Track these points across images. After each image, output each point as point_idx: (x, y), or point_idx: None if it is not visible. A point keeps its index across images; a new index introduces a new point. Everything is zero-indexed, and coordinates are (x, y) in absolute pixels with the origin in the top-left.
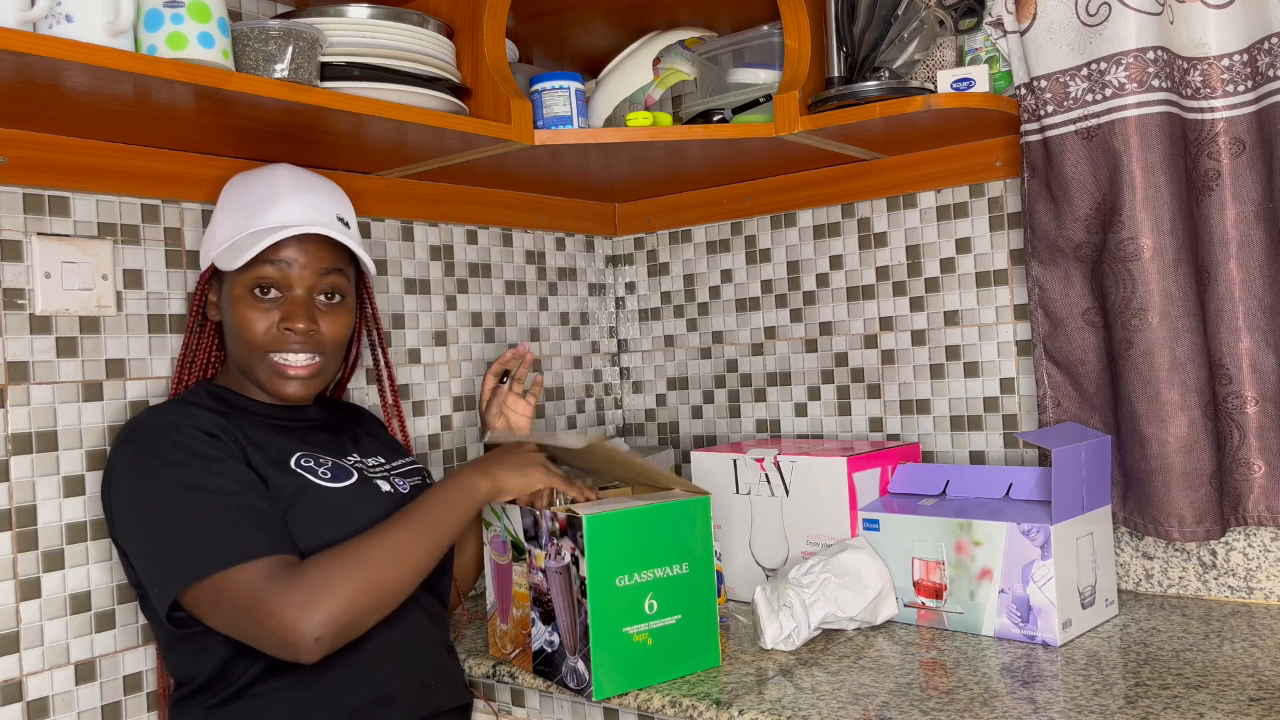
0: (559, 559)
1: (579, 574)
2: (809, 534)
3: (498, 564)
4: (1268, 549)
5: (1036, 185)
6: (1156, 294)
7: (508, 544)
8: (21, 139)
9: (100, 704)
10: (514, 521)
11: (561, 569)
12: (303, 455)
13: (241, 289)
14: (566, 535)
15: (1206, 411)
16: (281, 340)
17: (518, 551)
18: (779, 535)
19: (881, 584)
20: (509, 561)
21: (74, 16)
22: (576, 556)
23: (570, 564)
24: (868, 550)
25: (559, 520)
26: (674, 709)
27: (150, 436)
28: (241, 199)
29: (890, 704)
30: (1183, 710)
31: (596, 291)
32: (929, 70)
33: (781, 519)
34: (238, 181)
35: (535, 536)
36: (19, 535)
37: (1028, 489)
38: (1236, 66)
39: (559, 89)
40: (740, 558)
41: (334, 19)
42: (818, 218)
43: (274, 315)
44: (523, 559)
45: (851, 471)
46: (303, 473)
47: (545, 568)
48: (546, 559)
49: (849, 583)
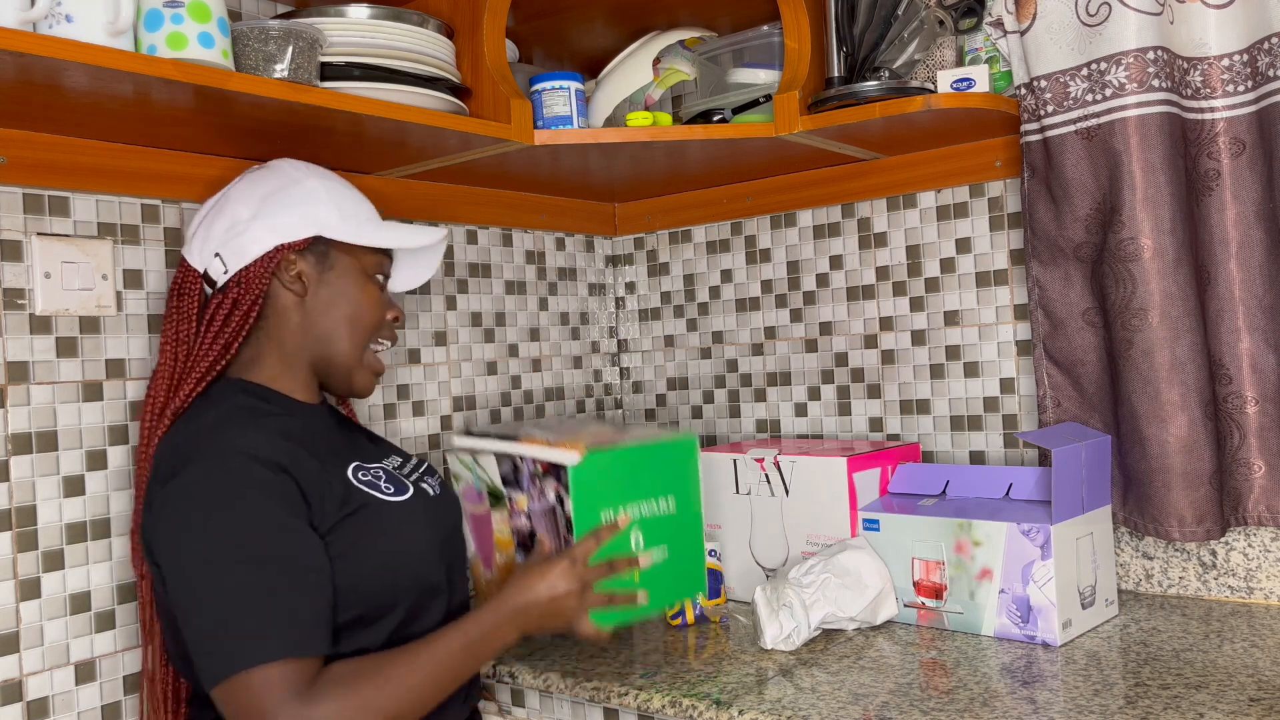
0: (543, 500)
1: (564, 513)
2: (809, 534)
3: (474, 514)
4: (1268, 549)
5: (1037, 185)
6: (1157, 294)
7: (483, 493)
8: (21, 139)
9: (100, 704)
10: (489, 470)
11: (547, 510)
12: (358, 466)
13: (371, 268)
14: (550, 476)
15: (1206, 411)
16: (389, 329)
17: (495, 498)
18: (779, 535)
19: (881, 584)
20: (486, 510)
21: (74, 16)
22: (561, 496)
23: (555, 504)
24: (868, 550)
25: (540, 463)
26: (674, 709)
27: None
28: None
29: (890, 704)
30: (1183, 710)
31: (596, 291)
32: (929, 70)
33: (781, 519)
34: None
35: (515, 481)
36: (19, 535)
37: (1028, 489)
38: (1236, 66)
39: (559, 89)
40: (740, 558)
41: (334, 19)
42: (818, 218)
43: (384, 304)
44: (501, 505)
45: (851, 471)
46: (365, 487)
47: (529, 510)
48: (530, 502)
49: (849, 583)
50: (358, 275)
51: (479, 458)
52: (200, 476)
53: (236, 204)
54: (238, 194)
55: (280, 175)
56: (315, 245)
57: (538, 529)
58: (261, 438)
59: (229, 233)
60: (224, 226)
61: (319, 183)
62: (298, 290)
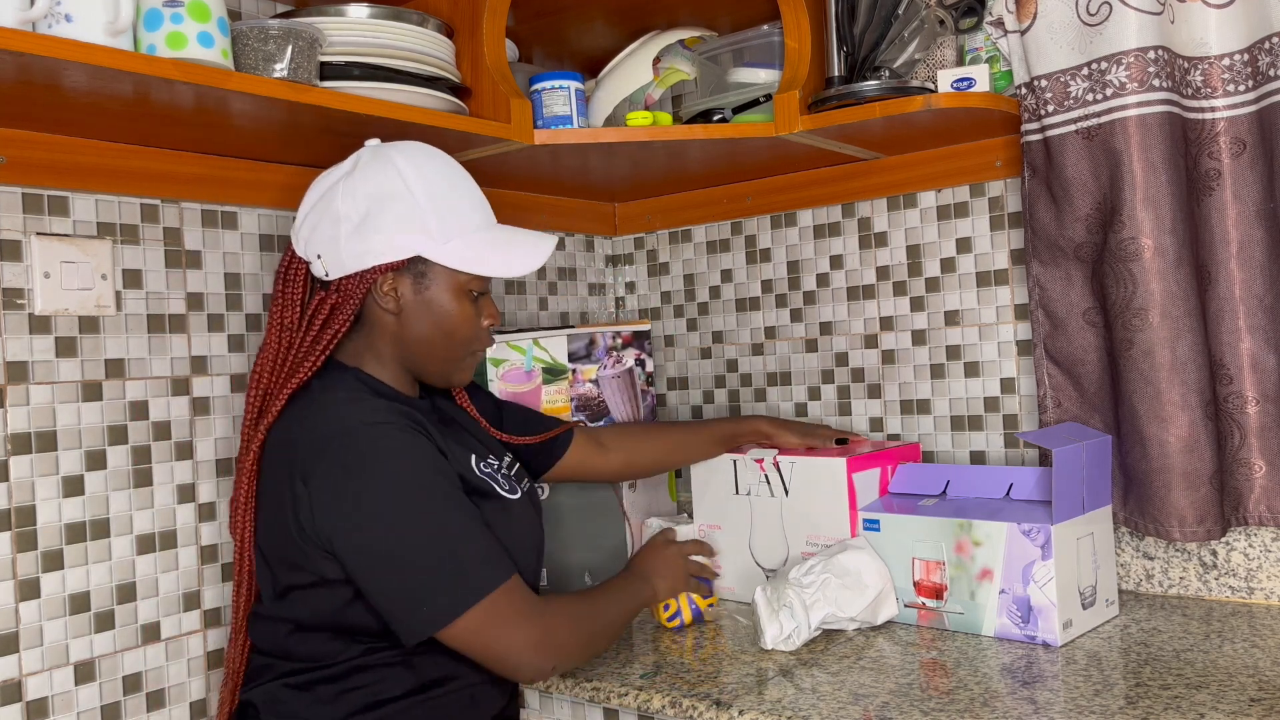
0: (619, 365)
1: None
2: (809, 534)
3: (515, 394)
4: (1268, 549)
5: (1037, 185)
6: (1157, 294)
7: (533, 372)
8: (21, 139)
9: (100, 704)
10: (555, 349)
11: (622, 373)
12: (478, 459)
13: (467, 287)
14: (630, 346)
15: (1207, 411)
16: (485, 337)
17: (551, 375)
18: (778, 536)
19: (881, 584)
20: (535, 387)
21: (74, 16)
22: (642, 360)
23: (633, 366)
24: (868, 550)
25: (622, 336)
26: (674, 709)
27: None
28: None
29: (890, 704)
30: (1183, 710)
31: (596, 291)
32: (929, 70)
33: (781, 519)
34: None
35: (586, 355)
36: (18, 535)
37: (1028, 489)
38: (1237, 66)
39: (559, 89)
40: (739, 558)
41: (334, 18)
42: (818, 217)
43: (478, 315)
44: (559, 379)
45: (851, 472)
46: (487, 480)
47: (598, 377)
48: (601, 369)
49: (849, 583)
50: (455, 292)
51: (541, 340)
52: (357, 445)
53: (343, 202)
54: (346, 189)
55: (387, 174)
56: (413, 264)
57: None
58: (392, 412)
59: (331, 239)
60: (327, 228)
61: (425, 193)
62: (392, 308)
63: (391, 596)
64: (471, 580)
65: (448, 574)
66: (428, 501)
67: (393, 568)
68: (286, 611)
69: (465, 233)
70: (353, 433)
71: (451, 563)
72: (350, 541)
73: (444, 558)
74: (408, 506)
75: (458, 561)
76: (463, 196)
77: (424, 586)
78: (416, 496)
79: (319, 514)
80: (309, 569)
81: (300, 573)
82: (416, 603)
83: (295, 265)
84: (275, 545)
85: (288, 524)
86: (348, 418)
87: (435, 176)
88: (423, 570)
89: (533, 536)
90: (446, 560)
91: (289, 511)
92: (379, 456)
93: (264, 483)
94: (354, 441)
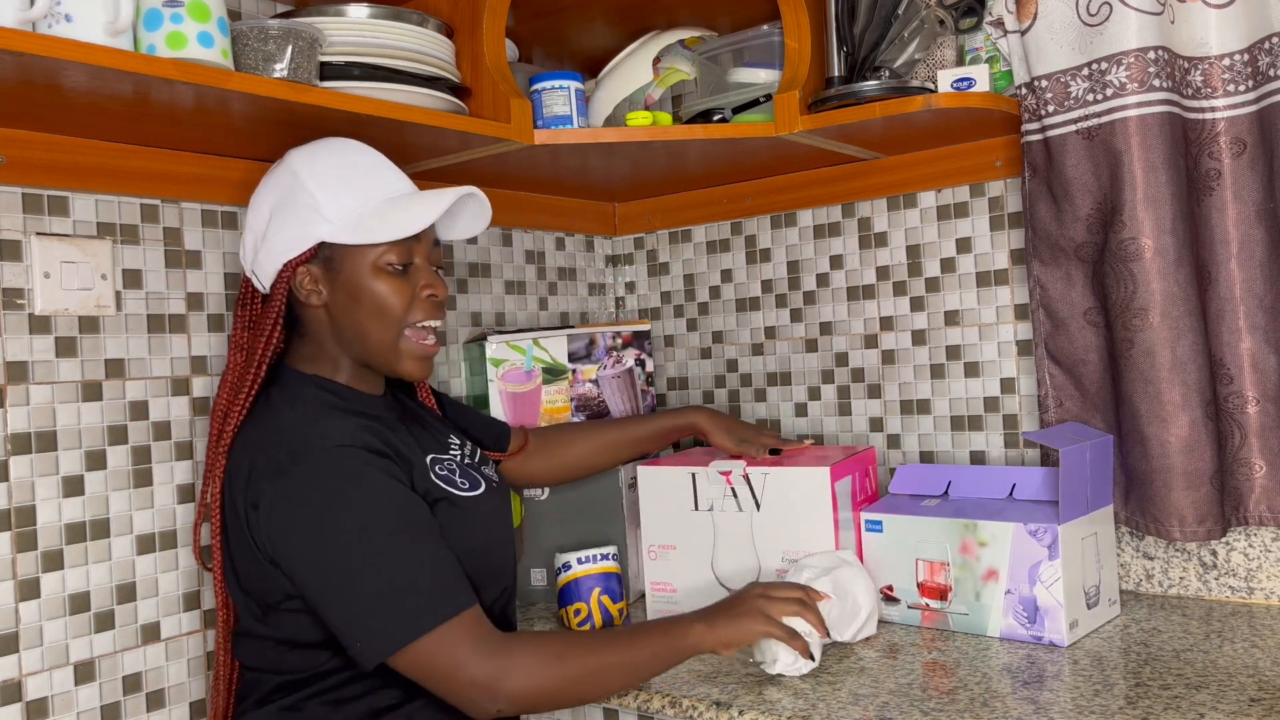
0: (619, 366)
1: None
2: (785, 549)
3: (515, 393)
4: (1268, 549)
5: (1038, 185)
6: (1157, 294)
7: (533, 372)
8: (21, 139)
9: (100, 704)
10: (554, 349)
11: (622, 373)
12: (434, 459)
13: (379, 262)
14: (630, 346)
15: (1207, 411)
16: (422, 309)
17: (551, 375)
18: (748, 553)
19: (871, 604)
20: (535, 386)
21: (73, 16)
22: (642, 360)
23: (632, 366)
24: (856, 565)
25: (622, 336)
26: (674, 709)
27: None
28: (345, 170)
29: (890, 704)
30: (1183, 710)
31: (596, 291)
32: (929, 70)
33: (752, 535)
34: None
35: (586, 355)
36: (18, 535)
37: (1032, 489)
38: (1237, 66)
39: (559, 89)
40: (699, 578)
41: (333, 18)
42: (818, 218)
43: (410, 286)
44: (559, 379)
45: (834, 481)
46: (440, 482)
47: (598, 377)
48: (600, 370)
49: (847, 605)
50: (370, 270)
51: (541, 340)
52: (315, 469)
53: (254, 216)
54: (255, 204)
55: (284, 178)
56: (320, 252)
57: (604, 390)
58: (354, 428)
59: (253, 252)
60: (250, 243)
61: (316, 183)
62: (317, 302)
63: (344, 622)
64: (425, 609)
65: (399, 601)
66: (382, 526)
67: (345, 594)
68: (270, 631)
69: (364, 208)
70: (309, 455)
71: (405, 590)
72: (304, 566)
73: (398, 585)
74: (363, 532)
75: (412, 589)
76: (363, 175)
77: (374, 614)
78: (373, 522)
79: (275, 538)
80: (278, 589)
81: (272, 594)
82: (367, 630)
83: (246, 288)
84: (246, 569)
85: (250, 546)
86: (305, 439)
87: (329, 163)
88: (375, 596)
89: (496, 531)
90: (400, 588)
91: (248, 534)
92: (335, 481)
93: (226, 504)
94: (310, 465)
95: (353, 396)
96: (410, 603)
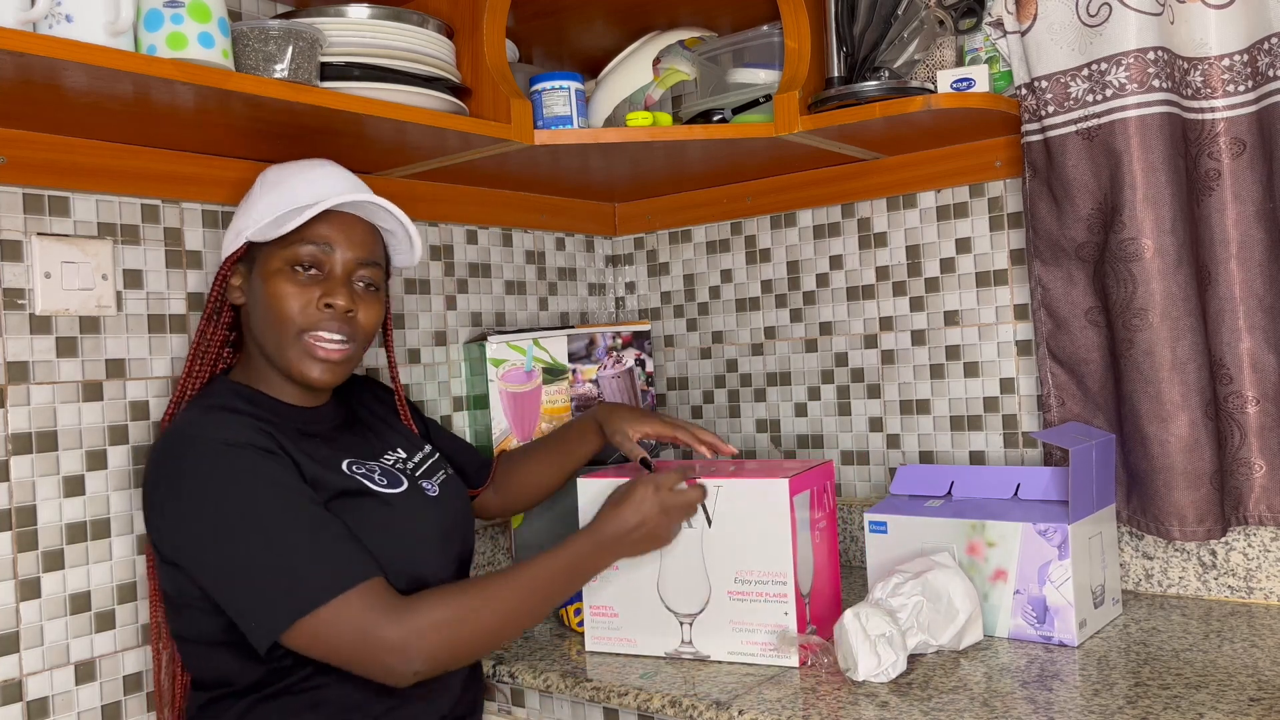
0: (619, 366)
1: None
2: (739, 570)
3: (515, 394)
4: (1268, 549)
5: (1038, 185)
6: (1157, 294)
7: (533, 372)
8: (21, 139)
9: (100, 704)
10: (555, 350)
11: (622, 373)
12: (351, 460)
13: (279, 264)
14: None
15: (1207, 411)
16: (319, 318)
17: (551, 375)
18: (698, 574)
19: (971, 608)
20: (535, 387)
21: (74, 16)
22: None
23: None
24: (955, 568)
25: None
26: (674, 709)
27: (204, 459)
28: (285, 180)
29: (891, 704)
30: (1183, 710)
31: (596, 291)
32: (929, 70)
33: (702, 554)
34: (276, 168)
35: (586, 355)
36: (19, 535)
37: (1037, 489)
38: (1237, 66)
39: (559, 89)
40: (644, 603)
41: (334, 19)
42: (818, 218)
43: (312, 293)
44: (559, 379)
45: (793, 494)
46: (358, 478)
47: (598, 377)
48: (600, 370)
49: (941, 607)
50: (271, 273)
51: (541, 340)
52: (198, 463)
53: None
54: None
55: (260, 180)
56: (248, 254)
57: (604, 390)
58: (241, 426)
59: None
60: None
61: (261, 188)
62: (239, 299)
63: (237, 605)
64: (313, 584)
65: (287, 579)
66: (269, 509)
67: (234, 576)
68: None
69: (285, 209)
70: (191, 449)
71: (298, 567)
72: (198, 559)
73: (284, 564)
74: (249, 516)
75: (305, 565)
76: (298, 178)
77: (262, 594)
78: (261, 508)
79: (169, 538)
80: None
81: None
82: (258, 609)
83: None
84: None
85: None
86: (190, 427)
87: (284, 171)
88: (267, 574)
89: (428, 529)
90: (286, 566)
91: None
92: (217, 472)
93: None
94: (193, 460)
95: (264, 402)
96: (304, 575)
